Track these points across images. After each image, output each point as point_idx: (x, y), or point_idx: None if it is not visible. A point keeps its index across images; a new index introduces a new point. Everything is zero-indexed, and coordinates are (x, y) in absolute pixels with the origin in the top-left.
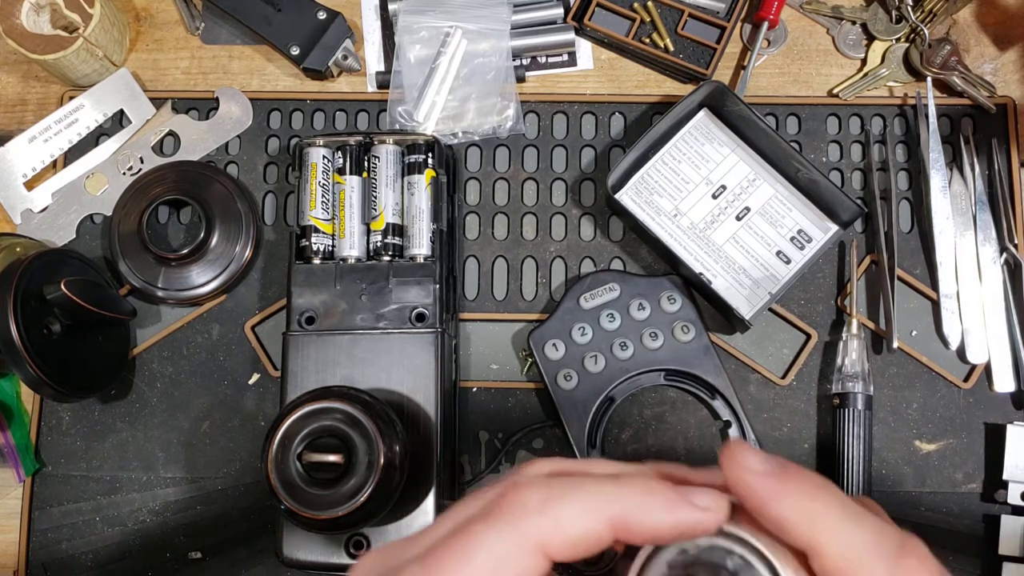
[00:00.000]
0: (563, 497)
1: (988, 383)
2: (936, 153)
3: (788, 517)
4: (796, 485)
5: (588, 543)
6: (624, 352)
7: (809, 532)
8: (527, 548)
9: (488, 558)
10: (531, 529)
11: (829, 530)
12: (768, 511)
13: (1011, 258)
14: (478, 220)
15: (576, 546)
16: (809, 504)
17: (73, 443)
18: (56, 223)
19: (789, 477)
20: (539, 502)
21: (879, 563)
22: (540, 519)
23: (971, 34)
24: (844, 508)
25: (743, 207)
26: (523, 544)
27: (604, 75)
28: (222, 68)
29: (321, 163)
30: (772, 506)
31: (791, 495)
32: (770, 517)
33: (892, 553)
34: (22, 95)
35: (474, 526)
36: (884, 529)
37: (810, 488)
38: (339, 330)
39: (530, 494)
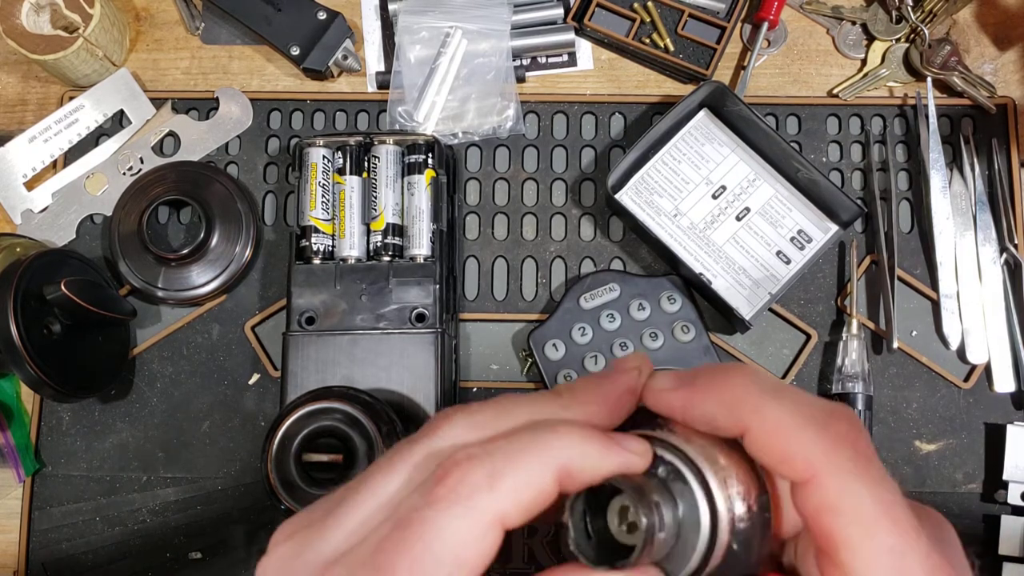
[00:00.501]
0: (508, 467)
1: (988, 383)
2: (936, 153)
3: (710, 414)
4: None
5: (540, 503)
6: (624, 352)
7: (734, 420)
8: (486, 526)
9: (448, 546)
10: (487, 507)
11: (751, 411)
12: (692, 417)
13: (1011, 258)
14: (478, 220)
15: (530, 510)
16: (726, 395)
17: (73, 443)
18: (56, 223)
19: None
20: (486, 478)
21: (807, 430)
22: (493, 495)
23: (971, 34)
24: (762, 387)
25: (743, 207)
26: (481, 524)
27: (604, 75)
28: (222, 68)
29: (321, 163)
30: (693, 411)
31: (706, 394)
32: (697, 421)
33: (818, 419)
34: (22, 95)
35: (423, 513)
36: (808, 400)
37: (723, 378)
38: (339, 330)
39: (473, 471)
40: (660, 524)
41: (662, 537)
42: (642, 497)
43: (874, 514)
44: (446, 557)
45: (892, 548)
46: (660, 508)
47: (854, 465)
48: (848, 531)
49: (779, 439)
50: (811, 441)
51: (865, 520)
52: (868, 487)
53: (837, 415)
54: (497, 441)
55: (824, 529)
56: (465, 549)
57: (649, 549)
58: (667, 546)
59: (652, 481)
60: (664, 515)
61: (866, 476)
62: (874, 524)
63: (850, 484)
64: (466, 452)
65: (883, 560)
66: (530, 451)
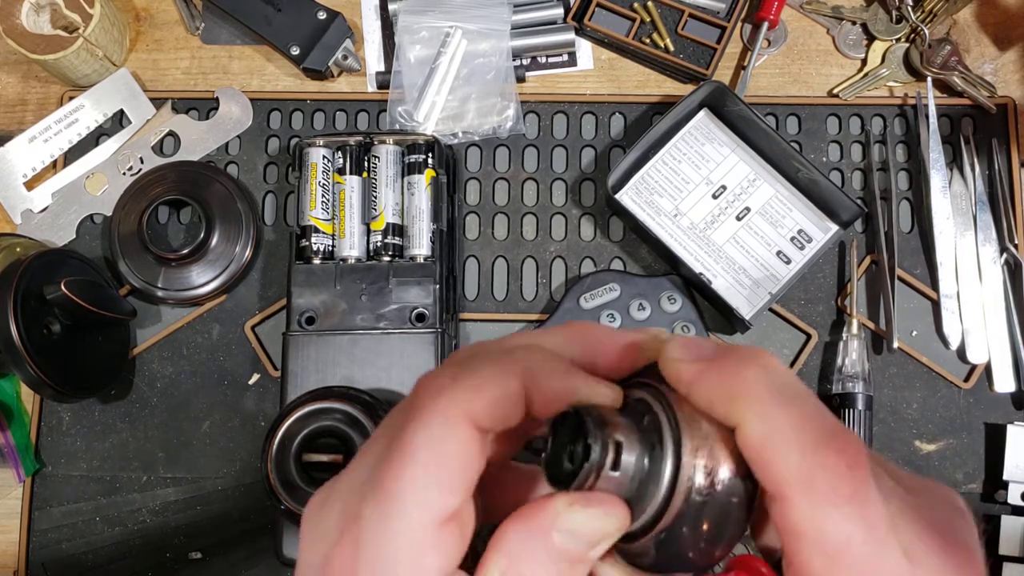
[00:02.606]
0: (471, 368)
1: (988, 383)
2: (936, 153)
3: (709, 398)
4: (719, 365)
5: (508, 404)
6: None
7: (729, 410)
8: (455, 423)
9: (427, 451)
10: (451, 404)
11: (748, 408)
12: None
13: (1011, 258)
14: (478, 220)
15: (496, 407)
16: (731, 382)
17: (73, 443)
18: (56, 223)
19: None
20: (449, 379)
21: (793, 449)
22: (455, 392)
23: (971, 34)
24: (771, 388)
25: (743, 207)
26: (449, 420)
27: (604, 75)
28: (222, 68)
29: (321, 163)
30: (694, 389)
31: (713, 377)
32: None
33: (812, 441)
34: (22, 95)
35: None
36: (814, 417)
37: (736, 367)
38: (339, 330)
39: (439, 378)
40: (614, 462)
41: (615, 475)
42: (602, 430)
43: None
44: (426, 458)
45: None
46: (621, 448)
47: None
48: (809, 558)
49: (764, 445)
50: (796, 462)
51: (830, 554)
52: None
53: (837, 444)
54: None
55: (790, 549)
56: (443, 452)
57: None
58: (626, 490)
59: (627, 423)
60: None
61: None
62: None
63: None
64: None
65: None
66: (494, 357)
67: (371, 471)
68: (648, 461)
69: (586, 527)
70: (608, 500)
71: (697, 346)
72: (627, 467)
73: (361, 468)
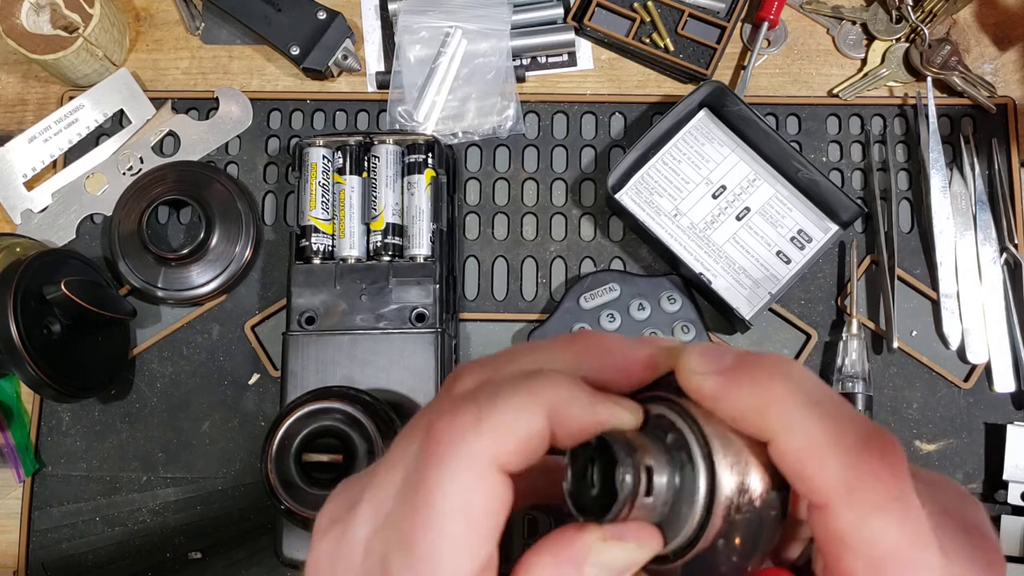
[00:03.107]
0: (494, 408)
1: (988, 383)
2: (936, 153)
3: (737, 412)
4: (744, 377)
5: (534, 443)
6: None
7: (760, 427)
8: (485, 471)
9: (458, 504)
10: (477, 451)
11: (781, 422)
12: (718, 409)
13: (1011, 258)
14: (478, 220)
15: (525, 449)
16: (757, 396)
17: (73, 443)
18: (56, 223)
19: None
20: (473, 420)
21: (833, 458)
22: (480, 438)
23: (971, 34)
24: (800, 397)
25: (743, 207)
26: (479, 470)
27: (604, 75)
28: (222, 68)
29: (321, 163)
30: (719, 404)
31: (738, 390)
32: (722, 414)
33: (851, 448)
34: (22, 95)
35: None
36: (848, 421)
37: (762, 379)
38: (339, 330)
39: (459, 416)
40: (647, 488)
41: (648, 501)
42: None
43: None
44: (455, 512)
45: None
46: (652, 472)
47: (877, 501)
48: (855, 567)
49: (802, 458)
50: (835, 469)
51: (875, 560)
52: (887, 527)
53: (874, 445)
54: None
55: (832, 556)
56: (470, 498)
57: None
58: (658, 513)
59: (653, 444)
60: (656, 481)
61: (888, 515)
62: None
63: (866, 521)
64: (451, 400)
65: None
66: (516, 391)
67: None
68: (679, 480)
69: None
70: (643, 531)
71: (717, 356)
72: (659, 491)
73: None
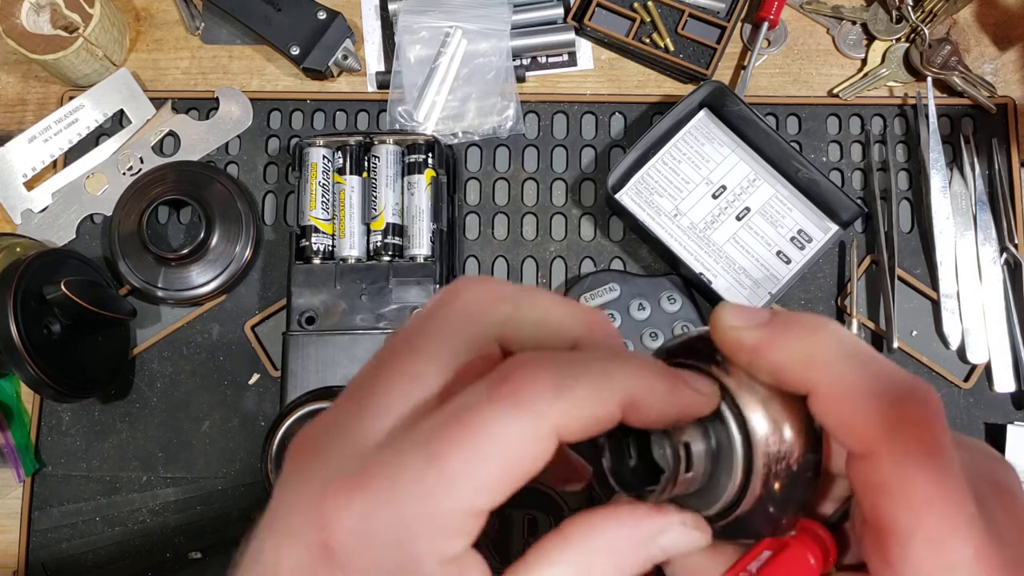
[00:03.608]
0: (577, 380)
1: (988, 383)
2: (936, 153)
3: (779, 364)
4: (786, 329)
5: (600, 425)
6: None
7: (803, 377)
8: (543, 433)
9: (501, 446)
10: (547, 414)
11: (822, 369)
12: (758, 364)
13: (1011, 258)
14: (478, 220)
15: (588, 429)
16: (801, 346)
17: (73, 443)
18: (56, 223)
19: (778, 324)
20: (553, 387)
21: (873, 406)
22: (556, 404)
23: (971, 34)
24: (842, 346)
25: (743, 207)
26: (539, 430)
27: (604, 75)
28: (222, 68)
29: (321, 163)
30: (760, 358)
31: (781, 342)
32: (763, 369)
33: (893, 395)
34: (22, 95)
35: (484, 411)
36: (889, 372)
37: (803, 330)
38: (339, 330)
39: (541, 377)
40: (687, 463)
41: (689, 476)
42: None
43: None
44: (498, 457)
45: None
46: (690, 449)
47: (917, 449)
48: (896, 514)
49: (844, 406)
50: (877, 416)
51: (915, 506)
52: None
53: (914, 395)
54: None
55: (872, 506)
56: (518, 452)
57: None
58: (696, 483)
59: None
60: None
61: (928, 463)
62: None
63: (907, 469)
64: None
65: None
66: (602, 374)
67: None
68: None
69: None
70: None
71: (753, 312)
72: (697, 463)
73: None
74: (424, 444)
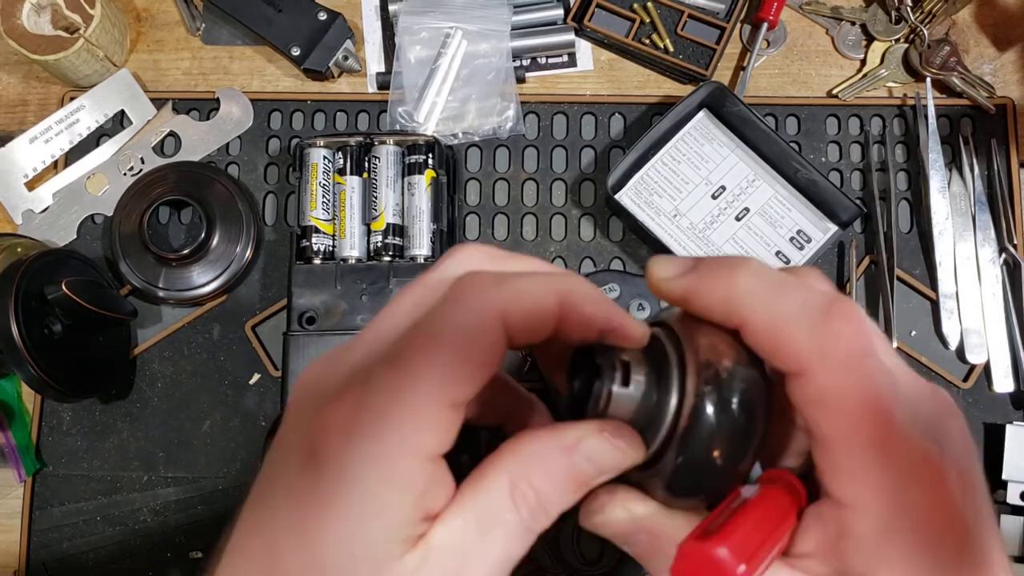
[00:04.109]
0: (515, 277)
1: (987, 383)
2: (935, 154)
3: (707, 306)
4: (709, 273)
5: (541, 319)
6: None
7: (730, 311)
8: (491, 319)
9: (457, 335)
10: (492, 300)
11: (748, 304)
12: (691, 306)
13: (1010, 258)
14: (478, 221)
15: (531, 319)
16: (724, 287)
17: (74, 443)
18: (57, 223)
19: (702, 269)
20: (494, 280)
21: (802, 327)
22: (499, 291)
23: (970, 35)
24: (762, 280)
25: (743, 207)
26: (486, 316)
27: (604, 76)
28: (223, 69)
29: (322, 163)
30: (691, 302)
31: (706, 286)
32: (695, 309)
33: (816, 315)
34: (23, 95)
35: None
36: (809, 293)
37: (723, 272)
38: (340, 330)
39: (483, 276)
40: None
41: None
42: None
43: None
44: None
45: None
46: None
47: (847, 359)
48: (832, 423)
49: (773, 332)
50: (805, 337)
51: (849, 413)
52: (858, 380)
53: (837, 310)
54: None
55: (812, 421)
56: (473, 341)
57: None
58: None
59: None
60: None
61: (858, 371)
62: (859, 418)
63: (838, 379)
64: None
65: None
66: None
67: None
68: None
69: (605, 456)
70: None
71: (678, 263)
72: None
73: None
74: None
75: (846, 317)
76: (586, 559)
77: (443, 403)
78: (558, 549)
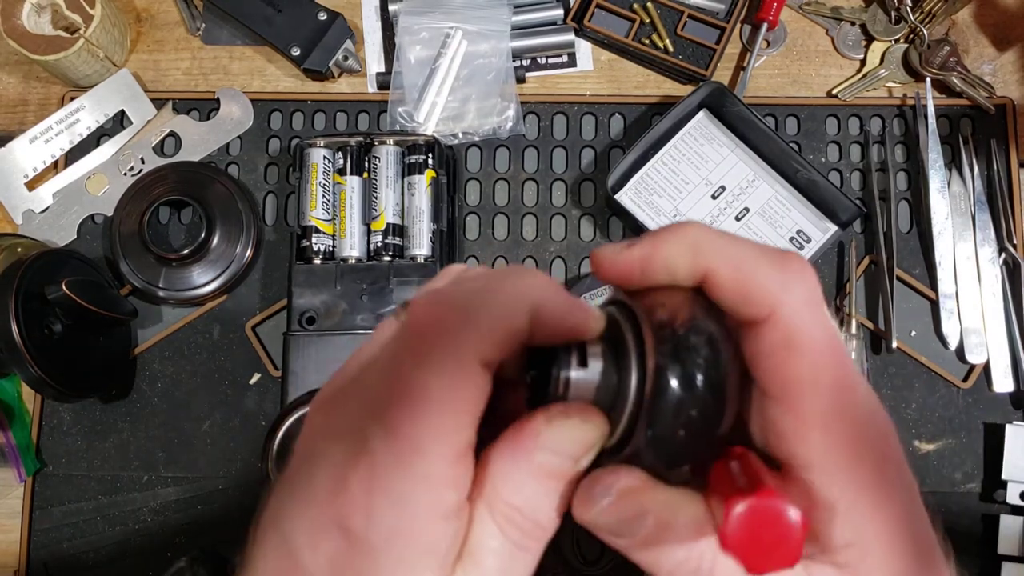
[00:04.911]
0: (483, 305)
1: (987, 383)
2: (935, 154)
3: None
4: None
5: (515, 341)
6: None
7: (696, 263)
8: (469, 366)
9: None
10: (463, 348)
11: (712, 250)
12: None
13: (1010, 258)
14: (478, 221)
15: (505, 346)
16: (685, 242)
17: (74, 443)
18: (57, 223)
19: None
20: (460, 320)
21: (765, 266)
22: (469, 335)
23: (970, 35)
24: (715, 235)
25: (742, 207)
26: (464, 365)
27: (604, 76)
28: (223, 69)
29: (322, 164)
30: (653, 265)
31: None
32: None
33: (775, 260)
34: (23, 96)
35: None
36: (760, 244)
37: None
38: (340, 330)
39: (448, 314)
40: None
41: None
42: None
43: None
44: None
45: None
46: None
47: (809, 301)
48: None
49: (740, 275)
50: (769, 276)
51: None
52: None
53: (790, 255)
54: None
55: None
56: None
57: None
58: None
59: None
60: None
61: (818, 313)
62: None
63: (805, 320)
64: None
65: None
66: (504, 288)
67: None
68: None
69: (567, 441)
70: (584, 408)
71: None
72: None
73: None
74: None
75: (799, 263)
76: (586, 559)
77: (454, 459)
78: (558, 549)
